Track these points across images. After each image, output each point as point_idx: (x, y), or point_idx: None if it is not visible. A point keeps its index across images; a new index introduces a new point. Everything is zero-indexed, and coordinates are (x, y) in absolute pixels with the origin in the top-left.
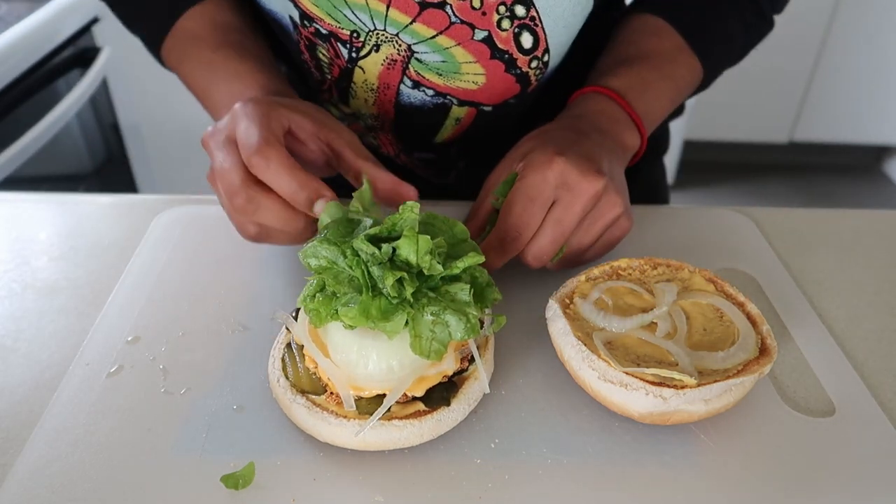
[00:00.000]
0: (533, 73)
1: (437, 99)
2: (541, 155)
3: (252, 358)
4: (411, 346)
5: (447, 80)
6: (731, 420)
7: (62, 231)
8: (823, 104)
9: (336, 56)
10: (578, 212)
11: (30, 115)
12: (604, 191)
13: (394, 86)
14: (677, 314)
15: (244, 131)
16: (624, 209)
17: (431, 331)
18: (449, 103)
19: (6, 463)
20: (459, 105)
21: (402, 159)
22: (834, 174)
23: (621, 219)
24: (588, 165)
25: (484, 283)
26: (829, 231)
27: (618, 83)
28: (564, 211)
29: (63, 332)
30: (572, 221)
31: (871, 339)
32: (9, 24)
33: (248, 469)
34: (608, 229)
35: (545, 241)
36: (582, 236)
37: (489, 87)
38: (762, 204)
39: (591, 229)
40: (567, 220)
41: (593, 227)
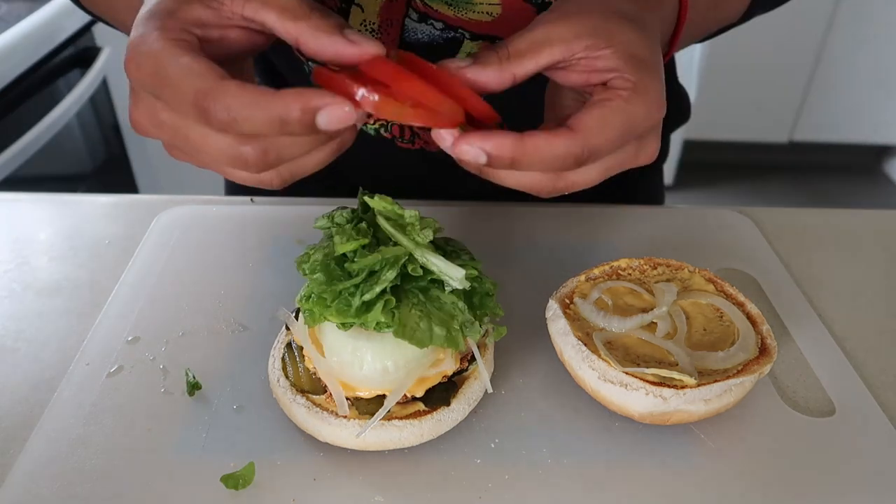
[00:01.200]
0: (554, 2)
1: (447, 33)
2: (655, 83)
3: (252, 358)
4: (395, 333)
5: (458, 11)
6: (731, 420)
7: (62, 231)
8: (823, 104)
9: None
10: (624, 168)
11: (30, 115)
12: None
13: (398, 21)
14: (677, 314)
15: (164, 90)
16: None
17: (417, 322)
18: (460, 37)
19: (6, 463)
20: (472, 39)
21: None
22: (834, 174)
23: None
24: (660, 127)
25: (483, 293)
26: (829, 231)
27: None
28: (619, 164)
29: (63, 332)
30: (613, 174)
31: (871, 339)
32: (9, 24)
33: (248, 469)
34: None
35: (592, 178)
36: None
37: (505, 19)
38: (762, 204)
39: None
40: (613, 172)
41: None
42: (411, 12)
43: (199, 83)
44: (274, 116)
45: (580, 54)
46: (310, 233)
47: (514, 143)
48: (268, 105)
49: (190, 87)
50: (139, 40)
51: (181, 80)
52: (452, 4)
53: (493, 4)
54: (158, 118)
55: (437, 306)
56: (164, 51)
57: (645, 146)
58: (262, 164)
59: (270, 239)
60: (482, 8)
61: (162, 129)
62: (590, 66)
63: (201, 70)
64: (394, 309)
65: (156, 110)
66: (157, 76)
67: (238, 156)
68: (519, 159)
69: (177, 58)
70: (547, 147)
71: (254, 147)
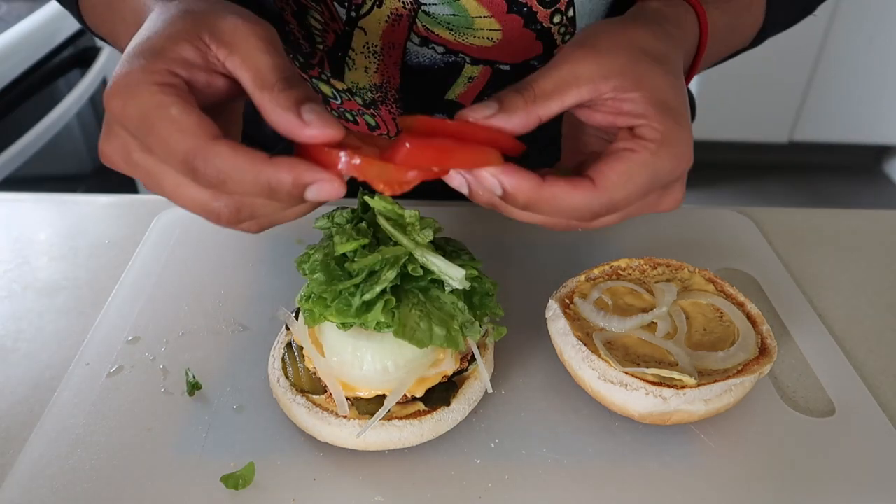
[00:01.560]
0: (556, 29)
1: (448, 57)
2: (683, 135)
3: (252, 358)
4: (395, 333)
5: (459, 36)
6: (731, 420)
7: (62, 231)
8: (823, 104)
9: (331, 19)
10: (651, 211)
11: (30, 115)
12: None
13: (400, 45)
14: (677, 314)
15: (150, 140)
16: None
17: (417, 322)
18: (461, 62)
19: (6, 463)
20: (473, 63)
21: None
22: (834, 174)
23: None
24: (686, 176)
25: (483, 293)
26: (829, 231)
27: (713, 18)
28: (640, 211)
29: (63, 332)
30: (637, 214)
31: (871, 339)
32: (9, 24)
33: (248, 469)
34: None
35: (610, 223)
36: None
37: (506, 44)
38: (762, 204)
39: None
40: (632, 216)
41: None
42: (413, 36)
43: (190, 142)
44: (264, 183)
45: (607, 95)
46: (310, 233)
47: (532, 187)
48: (259, 172)
49: (180, 145)
50: (125, 78)
51: (171, 134)
52: (453, 29)
53: (493, 30)
54: (132, 158)
55: (438, 306)
56: (153, 98)
57: (669, 194)
58: (234, 220)
59: (270, 239)
60: (483, 33)
61: (135, 170)
62: (616, 109)
63: (192, 127)
64: (394, 309)
65: (130, 149)
66: (144, 123)
67: (211, 210)
68: (534, 204)
69: (167, 108)
70: (566, 198)
71: (227, 204)
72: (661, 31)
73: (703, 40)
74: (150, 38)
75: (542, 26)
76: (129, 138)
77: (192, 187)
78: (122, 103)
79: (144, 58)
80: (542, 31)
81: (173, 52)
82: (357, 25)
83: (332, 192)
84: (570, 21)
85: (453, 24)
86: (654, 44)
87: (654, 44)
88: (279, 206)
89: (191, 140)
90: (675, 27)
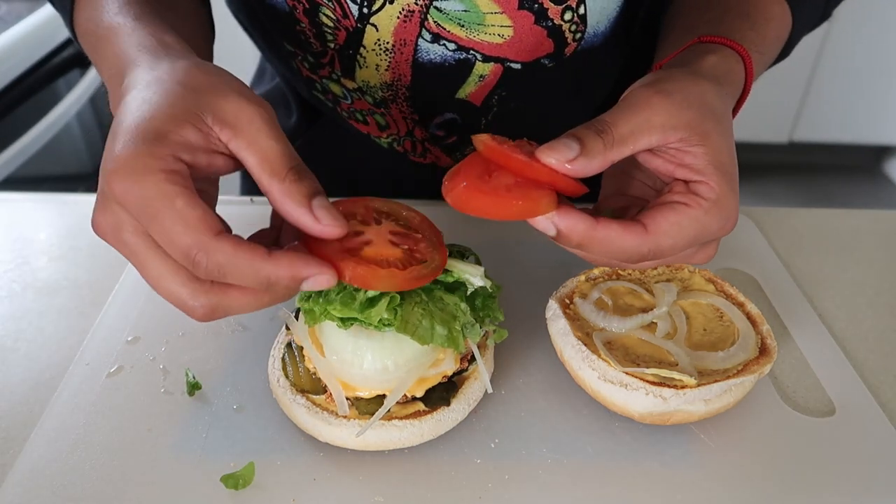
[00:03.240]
0: (567, 27)
1: (459, 54)
2: (733, 200)
3: (252, 358)
4: (397, 328)
5: (470, 33)
6: (731, 420)
7: (62, 231)
8: (823, 104)
9: (343, 16)
10: (686, 262)
11: (30, 115)
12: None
13: (411, 42)
14: (677, 314)
15: (153, 226)
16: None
17: (419, 320)
18: (472, 59)
19: (6, 463)
20: (484, 61)
21: (417, 134)
22: (834, 174)
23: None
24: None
25: (486, 295)
26: (829, 231)
27: (756, 67)
28: (676, 262)
29: (63, 332)
30: (674, 263)
31: (871, 339)
32: (9, 24)
33: (248, 469)
34: None
35: (646, 267)
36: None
37: (517, 41)
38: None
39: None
40: (672, 262)
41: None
42: (424, 33)
43: (193, 237)
44: (263, 279)
45: (673, 145)
46: None
47: (586, 229)
48: (260, 269)
49: (183, 239)
50: (130, 161)
51: (174, 226)
52: (465, 25)
53: (504, 26)
54: (122, 236)
55: (440, 307)
56: (158, 187)
57: (705, 249)
58: (207, 318)
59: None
60: (494, 30)
61: (123, 247)
62: (678, 160)
63: (196, 222)
64: (397, 307)
65: (122, 228)
66: (146, 211)
67: (187, 308)
68: (587, 245)
69: (172, 200)
70: (618, 240)
71: (203, 304)
72: (722, 89)
73: (746, 88)
74: (152, 118)
75: (553, 23)
76: (124, 217)
77: (172, 281)
78: (125, 187)
79: (148, 142)
80: (553, 29)
81: (177, 136)
82: (369, 22)
83: (327, 284)
84: (582, 19)
85: (464, 21)
86: (717, 102)
87: (717, 102)
88: (256, 301)
89: (194, 235)
90: (729, 84)
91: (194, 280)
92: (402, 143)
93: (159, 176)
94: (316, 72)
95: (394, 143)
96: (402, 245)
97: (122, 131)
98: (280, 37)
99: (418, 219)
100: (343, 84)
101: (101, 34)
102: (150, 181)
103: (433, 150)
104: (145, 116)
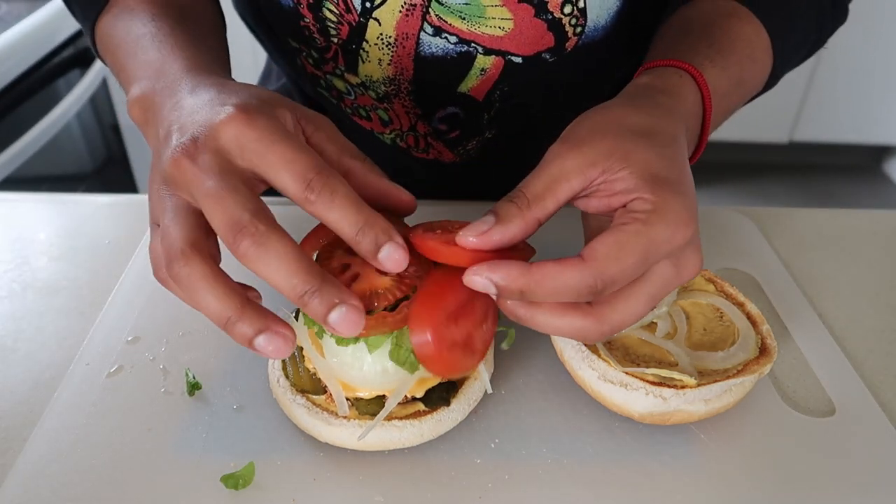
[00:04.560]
0: (568, 21)
1: (460, 47)
2: (677, 203)
3: (252, 358)
4: (390, 354)
5: (471, 25)
6: (731, 420)
7: (62, 231)
8: (823, 104)
9: (346, 10)
10: (676, 288)
11: (30, 115)
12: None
13: (413, 35)
14: (677, 314)
15: (276, 150)
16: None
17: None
18: (473, 52)
19: (6, 463)
20: (485, 54)
21: (419, 129)
22: (834, 174)
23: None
24: (698, 239)
25: None
26: (829, 231)
27: (713, 79)
28: (663, 288)
29: (63, 332)
30: (660, 300)
31: (871, 339)
32: (9, 24)
33: (248, 469)
34: None
35: (636, 311)
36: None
37: (518, 34)
38: (762, 204)
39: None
40: (659, 298)
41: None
42: (426, 26)
43: (317, 161)
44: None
45: (598, 180)
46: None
47: (521, 272)
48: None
49: (305, 162)
50: (248, 107)
51: (298, 153)
52: (466, 18)
53: (505, 19)
54: (204, 174)
55: None
56: (283, 121)
57: (684, 264)
58: (167, 259)
59: None
60: (494, 22)
61: (198, 183)
62: (609, 190)
63: (314, 158)
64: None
65: (212, 167)
66: (267, 137)
67: (164, 248)
68: (529, 290)
69: (295, 137)
70: (557, 277)
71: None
72: (648, 104)
73: (706, 103)
74: (262, 92)
75: (553, 16)
76: (221, 156)
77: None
78: (249, 121)
79: (262, 102)
80: (553, 22)
81: (280, 111)
82: (371, 16)
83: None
84: (582, 12)
85: (466, 13)
86: (638, 119)
87: (638, 119)
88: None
89: (317, 160)
90: (666, 97)
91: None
92: (405, 138)
93: (278, 122)
94: (320, 67)
95: (397, 139)
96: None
97: (218, 98)
98: (285, 33)
99: (407, 230)
100: (346, 79)
101: (142, 42)
102: (275, 120)
103: (436, 146)
104: (246, 93)
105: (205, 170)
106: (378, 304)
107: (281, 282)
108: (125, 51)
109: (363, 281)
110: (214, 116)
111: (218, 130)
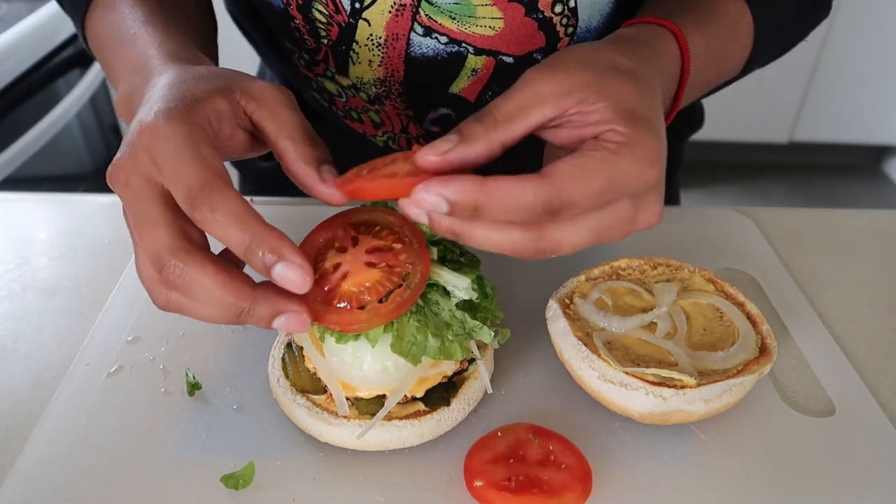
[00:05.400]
0: (558, 20)
1: (451, 47)
2: (650, 140)
3: (252, 358)
4: (392, 346)
5: (462, 25)
6: (731, 420)
7: (62, 231)
8: (823, 104)
9: (336, 11)
10: (626, 234)
11: (30, 115)
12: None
13: (403, 36)
14: (677, 314)
15: (170, 163)
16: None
17: (414, 336)
18: (464, 52)
19: (6, 463)
20: (476, 54)
21: (411, 131)
22: (834, 174)
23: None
24: (662, 188)
25: (482, 296)
26: (829, 231)
27: (694, 44)
28: (615, 225)
29: (63, 332)
30: (616, 238)
31: (871, 339)
32: (9, 24)
33: (248, 469)
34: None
35: (580, 239)
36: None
37: (508, 33)
38: (762, 204)
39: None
40: (616, 237)
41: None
42: (416, 26)
43: (205, 176)
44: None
45: (573, 110)
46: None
47: (476, 186)
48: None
49: (191, 174)
50: (163, 112)
51: (190, 166)
52: (456, 18)
53: (495, 18)
54: (133, 179)
55: (435, 311)
56: (188, 130)
57: (644, 207)
58: (160, 303)
59: None
60: (485, 22)
61: (127, 191)
62: (582, 121)
63: (219, 167)
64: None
65: (136, 171)
66: (169, 147)
67: (151, 284)
68: (483, 205)
69: (198, 144)
70: (514, 192)
71: (164, 295)
72: (631, 50)
73: (685, 62)
74: (189, 88)
75: (544, 16)
76: (145, 163)
77: (163, 236)
78: (158, 131)
79: (185, 102)
80: (544, 21)
81: (210, 103)
82: (361, 17)
83: (303, 326)
84: (573, 12)
85: (456, 13)
86: (621, 60)
87: (621, 60)
88: (203, 313)
89: (206, 173)
90: (647, 48)
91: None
92: (396, 140)
93: (193, 127)
94: (311, 69)
95: (389, 141)
96: (379, 264)
97: (157, 97)
98: (277, 35)
99: (399, 222)
100: (337, 81)
101: (122, 38)
102: (183, 128)
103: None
104: (182, 88)
105: (128, 195)
106: (370, 298)
107: (211, 312)
108: (111, 49)
109: (352, 278)
110: (138, 126)
111: (135, 145)
